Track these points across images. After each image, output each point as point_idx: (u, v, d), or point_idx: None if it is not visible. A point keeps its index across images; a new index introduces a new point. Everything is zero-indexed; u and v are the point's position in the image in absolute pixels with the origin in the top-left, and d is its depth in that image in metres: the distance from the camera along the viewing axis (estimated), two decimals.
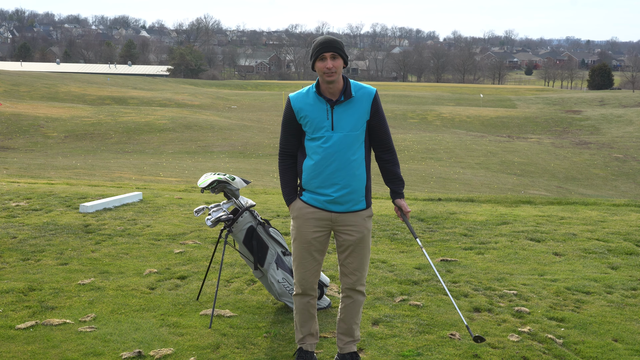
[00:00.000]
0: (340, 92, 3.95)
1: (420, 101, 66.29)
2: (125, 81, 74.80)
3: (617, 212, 9.28)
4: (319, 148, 3.95)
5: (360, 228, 4.06)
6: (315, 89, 3.97)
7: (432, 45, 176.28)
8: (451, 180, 22.47)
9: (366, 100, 3.99)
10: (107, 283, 5.73)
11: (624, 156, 33.32)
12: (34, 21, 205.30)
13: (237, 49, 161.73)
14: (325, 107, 3.94)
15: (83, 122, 37.00)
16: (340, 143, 3.93)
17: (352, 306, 4.17)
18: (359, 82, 4.04)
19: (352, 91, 3.96)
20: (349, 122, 3.94)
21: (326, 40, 3.88)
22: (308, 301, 4.18)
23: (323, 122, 3.94)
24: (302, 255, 4.10)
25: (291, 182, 4.14)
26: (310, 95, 3.98)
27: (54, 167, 19.64)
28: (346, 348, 4.21)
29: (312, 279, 4.14)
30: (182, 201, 9.67)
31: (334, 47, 3.86)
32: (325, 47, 3.85)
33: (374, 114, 4.02)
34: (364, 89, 4.00)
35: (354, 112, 3.95)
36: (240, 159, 27.01)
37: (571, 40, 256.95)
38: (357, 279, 4.13)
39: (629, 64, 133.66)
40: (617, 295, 5.65)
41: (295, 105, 3.98)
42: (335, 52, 3.86)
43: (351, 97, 3.95)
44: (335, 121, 3.93)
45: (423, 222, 8.42)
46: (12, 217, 8.28)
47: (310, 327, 4.23)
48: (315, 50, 3.88)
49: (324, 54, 3.85)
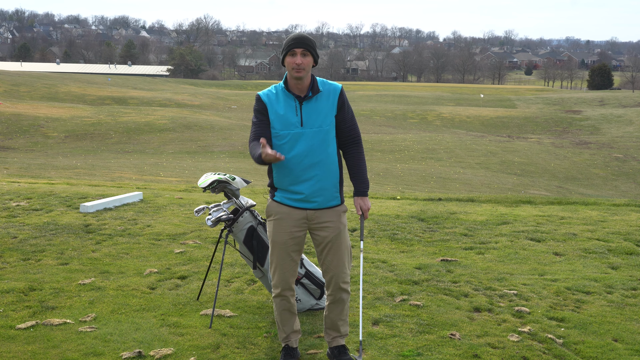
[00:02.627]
0: (308, 88, 3.98)
1: (420, 101, 66.30)
2: (125, 81, 74.81)
3: (617, 212, 9.28)
4: (288, 145, 3.94)
5: (336, 224, 4.08)
6: (284, 85, 4.00)
7: (432, 45, 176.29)
8: (451, 180, 22.47)
9: (332, 95, 4.02)
10: (107, 283, 5.73)
11: (624, 156, 33.32)
12: (34, 21, 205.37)
13: (237, 49, 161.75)
14: (294, 104, 3.96)
15: (83, 122, 37.00)
16: (311, 139, 3.94)
17: (336, 305, 4.22)
18: (325, 79, 4.08)
19: (319, 86, 3.99)
20: (317, 117, 3.96)
21: (299, 36, 3.93)
22: (287, 300, 4.21)
23: (292, 119, 3.95)
24: (280, 256, 4.11)
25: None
26: (278, 92, 4.00)
27: (54, 167, 19.64)
28: (333, 342, 4.26)
29: (290, 279, 4.17)
30: (183, 201, 9.67)
31: (305, 43, 3.89)
32: (297, 42, 3.89)
33: (340, 108, 4.03)
34: (330, 85, 4.05)
35: (322, 108, 3.98)
36: (240, 159, 27.01)
37: (571, 40, 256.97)
38: (338, 276, 4.15)
39: (629, 64, 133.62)
40: (617, 295, 5.65)
41: (265, 100, 3.99)
42: (306, 48, 3.89)
43: (319, 92, 3.98)
44: (304, 117, 3.95)
45: (423, 222, 8.42)
46: (13, 217, 8.29)
47: (292, 325, 4.27)
48: (287, 45, 3.91)
49: (294, 49, 3.88)
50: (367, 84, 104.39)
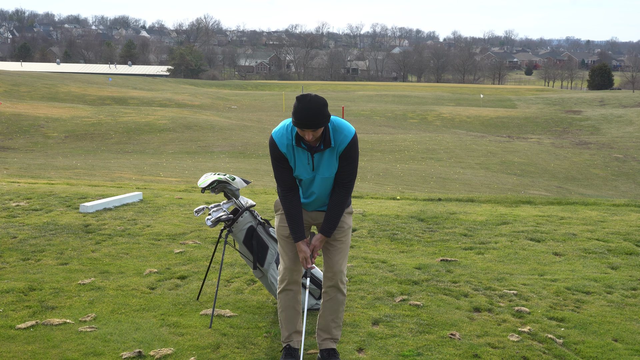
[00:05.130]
0: (320, 140, 3.97)
1: (420, 101, 66.29)
2: (125, 81, 74.81)
3: (617, 212, 9.28)
4: (303, 186, 4.14)
5: (340, 223, 4.17)
6: (295, 141, 3.96)
7: (432, 45, 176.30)
8: (451, 180, 22.47)
9: (341, 147, 3.99)
10: (107, 283, 5.73)
11: (624, 156, 33.32)
12: (34, 21, 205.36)
13: (237, 49, 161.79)
14: (307, 155, 4.00)
15: (83, 122, 37.00)
16: (320, 185, 4.08)
17: (331, 304, 4.24)
18: (340, 123, 3.99)
19: (331, 139, 3.94)
20: (327, 167, 4.02)
21: (307, 117, 3.77)
22: (293, 296, 4.24)
23: (305, 166, 4.03)
24: (285, 247, 4.21)
25: (299, 218, 4.08)
26: (291, 141, 3.98)
27: (54, 167, 19.64)
28: (323, 344, 4.26)
29: (296, 274, 4.23)
30: (182, 201, 9.67)
31: (314, 124, 3.79)
32: (306, 125, 3.79)
33: (344, 159, 4.01)
34: (340, 135, 3.96)
35: (332, 158, 4.01)
36: (240, 159, 27.01)
37: (571, 40, 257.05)
38: (336, 275, 4.18)
39: (629, 64, 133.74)
40: (617, 295, 5.65)
41: (284, 152, 4.00)
42: (315, 128, 3.83)
43: (330, 147, 3.96)
44: (315, 165, 4.02)
45: (423, 222, 8.42)
46: (13, 217, 8.29)
47: (295, 324, 4.28)
48: (295, 120, 3.81)
49: (303, 129, 3.83)
50: (367, 84, 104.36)
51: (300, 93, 4.51)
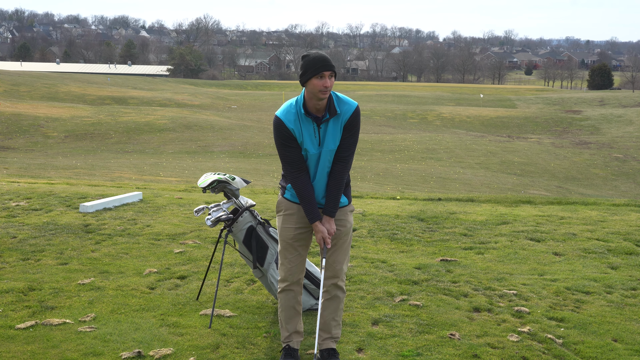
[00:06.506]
0: (325, 108, 3.99)
1: (420, 101, 66.29)
2: (125, 81, 74.81)
3: (617, 212, 9.27)
4: (309, 163, 4.07)
5: (342, 222, 4.18)
6: (303, 108, 3.97)
7: (432, 45, 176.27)
8: (451, 180, 22.47)
9: (344, 117, 4.02)
10: (107, 283, 5.73)
11: (624, 156, 33.33)
12: (34, 21, 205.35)
13: (237, 49, 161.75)
14: (313, 126, 3.99)
15: (83, 122, 37.00)
16: (325, 157, 4.05)
17: (331, 302, 4.25)
18: (343, 96, 4.06)
19: (336, 107, 3.99)
20: (331, 140, 4.01)
21: (325, 57, 3.90)
22: (294, 296, 4.24)
23: (312, 139, 4.01)
24: (287, 249, 4.20)
25: (312, 198, 4.06)
26: (297, 114, 3.98)
27: (54, 167, 19.64)
28: (324, 344, 4.26)
29: (297, 274, 4.23)
30: (182, 201, 9.67)
31: (333, 65, 3.90)
32: (326, 65, 3.86)
33: (349, 129, 4.03)
34: (345, 105, 4.03)
35: (336, 129, 4.02)
36: (240, 158, 27.02)
37: (571, 40, 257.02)
38: (337, 274, 4.20)
39: (629, 64, 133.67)
40: (617, 295, 5.65)
41: (289, 125, 3.97)
42: (333, 71, 3.90)
43: (336, 114, 3.99)
44: (321, 137, 4.02)
45: (423, 222, 8.42)
46: (12, 217, 8.28)
47: (295, 324, 4.28)
48: (315, 67, 3.85)
49: (323, 72, 3.85)
50: (367, 84, 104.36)
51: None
